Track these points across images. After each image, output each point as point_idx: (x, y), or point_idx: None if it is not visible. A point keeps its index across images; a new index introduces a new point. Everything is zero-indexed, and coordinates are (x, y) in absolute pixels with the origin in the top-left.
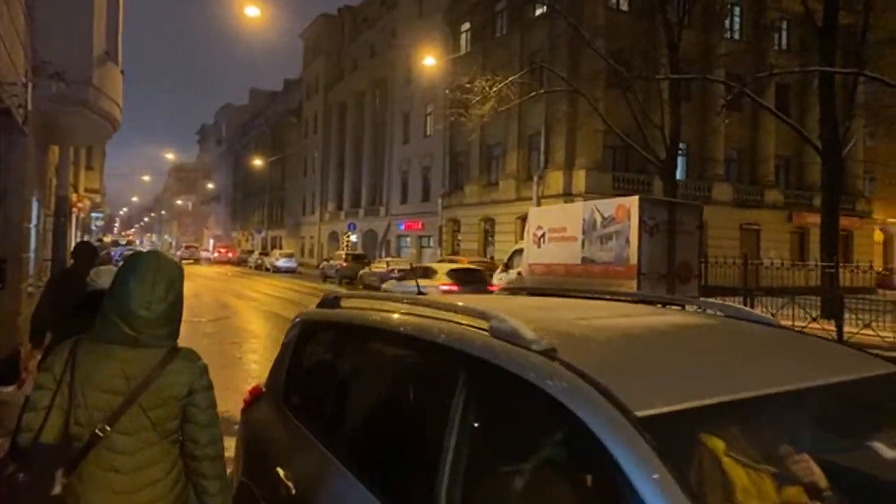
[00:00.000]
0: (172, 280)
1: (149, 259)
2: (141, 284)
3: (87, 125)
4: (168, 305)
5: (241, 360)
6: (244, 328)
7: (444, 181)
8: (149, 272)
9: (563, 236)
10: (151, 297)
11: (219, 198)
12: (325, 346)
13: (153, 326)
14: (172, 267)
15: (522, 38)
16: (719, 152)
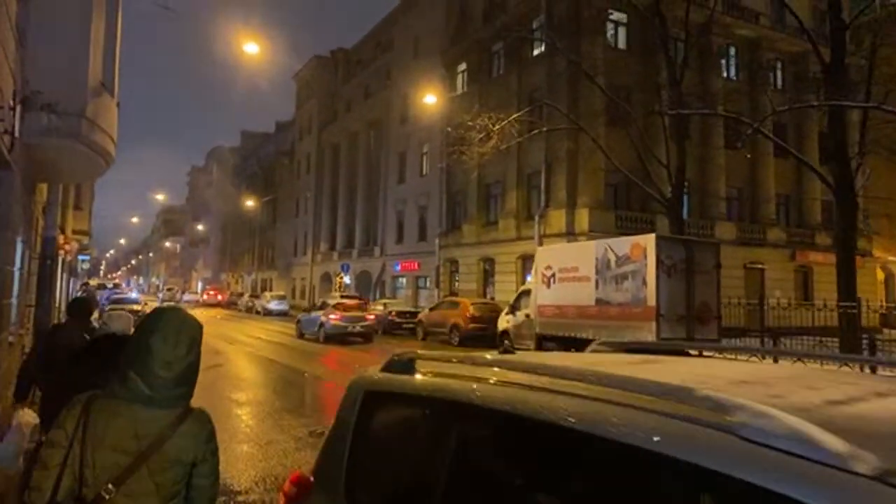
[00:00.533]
0: (194, 339)
1: (171, 317)
2: (163, 343)
3: (78, 160)
4: (188, 365)
5: (238, 416)
6: (239, 377)
7: (442, 221)
8: (171, 331)
9: (575, 276)
10: (173, 357)
11: (208, 240)
12: (404, 425)
13: (171, 386)
14: (194, 326)
15: (520, 77)
16: (720, 191)
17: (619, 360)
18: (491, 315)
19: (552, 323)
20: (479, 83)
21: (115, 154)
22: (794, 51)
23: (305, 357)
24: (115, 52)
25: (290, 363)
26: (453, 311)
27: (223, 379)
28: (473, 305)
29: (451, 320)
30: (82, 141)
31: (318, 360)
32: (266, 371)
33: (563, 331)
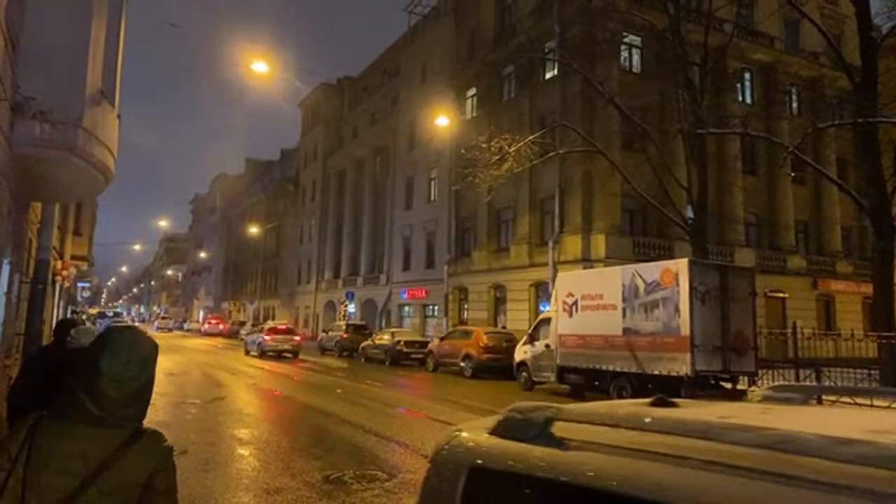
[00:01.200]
0: (147, 359)
1: (123, 336)
2: (113, 362)
3: (75, 175)
4: (140, 385)
5: (242, 457)
6: (243, 412)
7: (450, 247)
8: (122, 350)
9: (600, 304)
10: (123, 376)
11: (210, 268)
12: None
13: (121, 406)
14: (147, 345)
15: (532, 100)
16: (738, 216)
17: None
18: (505, 345)
19: (575, 354)
20: (490, 107)
21: (114, 170)
22: (810, 75)
23: (315, 390)
24: (118, 59)
25: (297, 396)
26: (466, 340)
27: (226, 414)
28: (487, 335)
29: (464, 350)
30: (78, 154)
31: (328, 392)
32: (272, 406)
33: (588, 362)
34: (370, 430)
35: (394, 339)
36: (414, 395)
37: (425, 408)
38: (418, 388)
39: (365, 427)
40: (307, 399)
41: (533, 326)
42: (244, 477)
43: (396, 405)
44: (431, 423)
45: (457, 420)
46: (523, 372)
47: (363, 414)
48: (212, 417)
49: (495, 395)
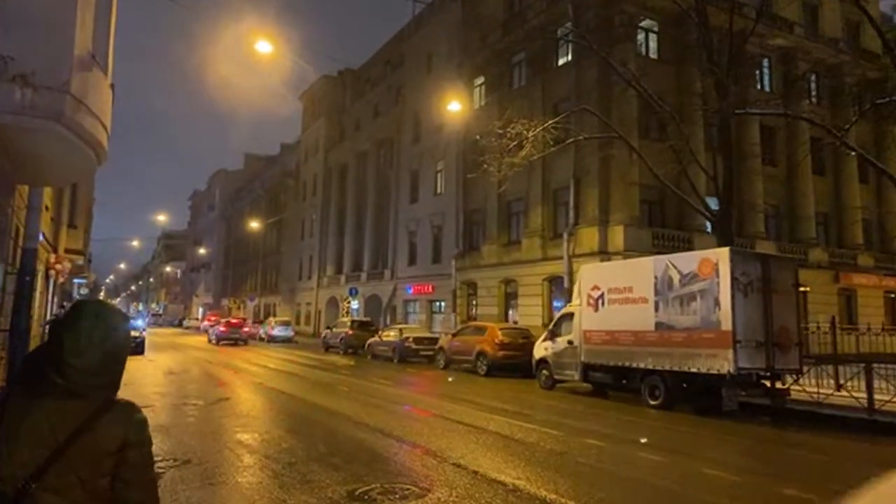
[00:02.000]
0: (112, 327)
1: (87, 306)
2: (74, 331)
3: (62, 150)
4: (104, 353)
5: (251, 468)
6: (250, 414)
7: (458, 241)
8: (85, 319)
9: (630, 298)
10: (86, 345)
11: (209, 264)
12: None
13: (86, 375)
14: (114, 314)
15: (545, 88)
16: (758, 208)
17: None
18: (522, 341)
19: (601, 350)
20: (500, 95)
21: (107, 147)
22: (830, 62)
23: (324, 390)
24: (110, 21)
25: (306, 397)
26: (479, 337)
27: (231, 417)
28: (502, 331)
29: (478, 347)
30: (66, 123)
31: (338, 391)
32: (281, 407)
33: (616, 359)
34: (391, 435)
35: (402, 336)
36: (430, 395)
37: (446, 409)
38: (432, 387)
39: (384, 431)
40: (318, 399)
41: (554, 322)
42: (255, 492)
43: (414, 406)
44: (455, 426)
45: (480, 423)
46: (543, 370)
47: (380, 416)
48: (215, 420)
49: (515, 395)
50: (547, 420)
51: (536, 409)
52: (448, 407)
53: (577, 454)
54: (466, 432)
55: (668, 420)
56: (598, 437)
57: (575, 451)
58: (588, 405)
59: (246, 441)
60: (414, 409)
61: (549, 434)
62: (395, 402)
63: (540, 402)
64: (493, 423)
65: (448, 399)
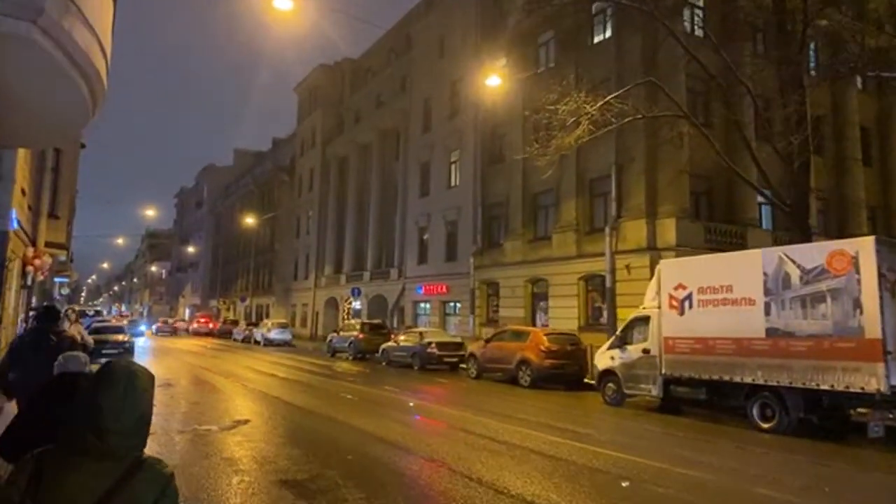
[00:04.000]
0: (144, 390)
1: (119, 369)
2: (111, 396)
3: (42, 78)
4: (138, 417)
5: None
6: (281, 449)
7: (476, 237)
8: (119, 383)
9: (728, 298)
10: (122, 409)
11: (197, 264)
12: None
13: (122, 438)
14: (144, 376)
15: (578, 68)
16: (809, 200)
17: None
18: (570, 349)
19: (689, 361)
20: (524, 80)
21: (106, 85)
22: (877, 45)
23: (356, 408)
24: None
25: (339, 417)
26: (520, 343)
27: (256, 450)
28: (549, 336)
29: (519, 355)
30: (47, 27)
31: (371, 410)
32: (318, 436)
33: (709, 371)
34: (475, 479)
35: (423, 340)
36: (477, 413)
37: (507, 433)
38: (474, 402)
39: (473, 477)
40: (354, 421)
41: (623, 327)
42: None
43: (469, 430)
44: (528, 454)
45: (563, 453)
46: (610, 383)
47: (445, 446)
48: (240, 457)
49: (575, 412)
50: (630, 445)
51: (609, 430)
52: (512, 431)
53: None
54: (544, 463)
55: (786, 447)
56: (705, 468)
57: (677, 488)
58: (671, 426)
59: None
60: (472, 434)
61: (636, 463)
62: (452, 427)
63: (609, 420)
64: (562, 449)
65: (504, 419)
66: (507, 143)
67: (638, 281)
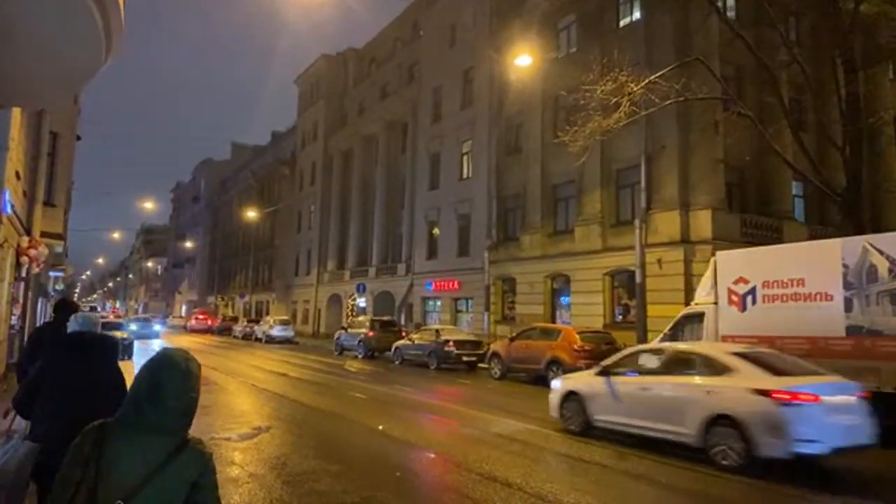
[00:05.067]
0: (197, 376)
1: (177, 354)
2: (172, 376)
3: (52, 3)
4: (192, 397)
5: None
6: (312, 459)
7: (491, 231)
8: (178, 366)
9: (800, 293)
10: (180, 389)
11: (194, 259)
12: None
13: (179, 415)
14: (195, 363)
15: (603, 52)
16: (861, 189)
17: None
18: (605, 348)
19: None
20: (543, 66)
21: (123, 20)
22: None
23: (385, 412)
24: None
25: (368, 422)
26: (549, 342)
27: (292, 469)
28: (581, 335)
29: (549, 354)
30: None
31: (396, 411)
32: (351, 447)
33: None
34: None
35: (439, 338)
36: (526, 421)
37: (586, 450)
38: (512, 406)
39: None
40: (391, 430)
41: (672, 325)
42: None
43: (526, 442)
44: (605, 472)
45: (644, 472)
46: None
47: (504, 460)
48: (279, 483)
49: None
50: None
51: None
52: (567, 443)
53: None
54: (618, 480)
55: (875, 456)
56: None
57: None
58: None
59: None
60: (527, 446)
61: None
62: (493, 433)
63: None
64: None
65: (549, 425)
66: (524, 132)
67: (670, 276)
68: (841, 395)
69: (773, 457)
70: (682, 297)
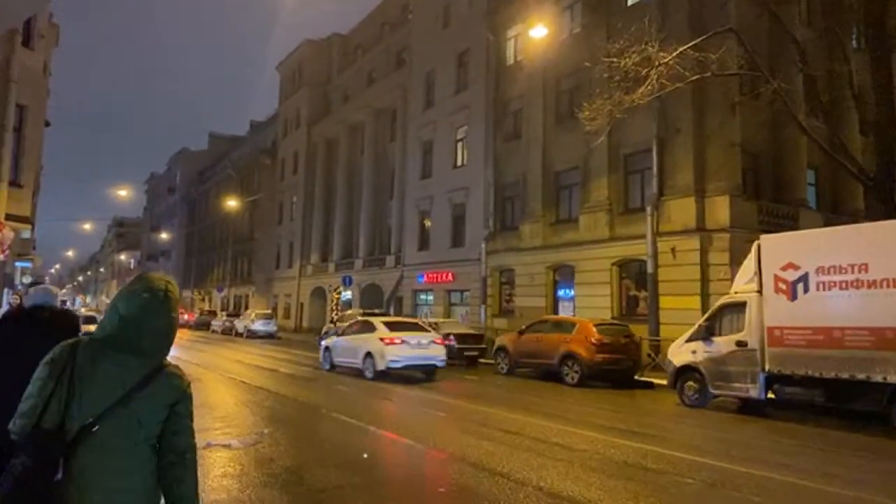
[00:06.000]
0: (176, 299)
1: (157, 276)
2: (153, 298)
3: None
4: (173, 318)
5: None
6: (326, 469)
7: (488, 221)
8: (158, 288)
9: (863, 280)
10: (161, 311)
11: (169, 252)
12: None
13: (159, 337)
14: (175, 286)
15: (610, 32)
16: (849, 181)
17: None
18: (624, 341)
19: (805, 356)
20: (545, 48)
21: None
22: None
23: (391, 409)
24: None
25: (380, 428)
26: (564, 335)
27: (306, 484)
28: (599, 327)
29: (563, 349)
30: None
31: (406, 410)
32: (362, 453)
33: (835, 369)
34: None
35: (439, 332)
36: (549, 420)
37: (618, 449)
38: (529, 404)
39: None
40: (411, 434)
41: (708, 315)
42: None
43: (563, 444)
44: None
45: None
46: (690, 381)
47: (549, 465)
48: (287, 497)
49: (663, 416)
50: (756, 459)
51: (711, 438)
52: (608, 441)
53: None
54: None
55: None
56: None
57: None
58: (784, 433)
59: None
60: (565, 447)
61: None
62: (507, 431)
63: (707, 424)
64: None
65: (582, 424)
66: (523, 117)
67: (685, 266)
68: (419, 340)
69: (382, 370)
70: (698, 287)
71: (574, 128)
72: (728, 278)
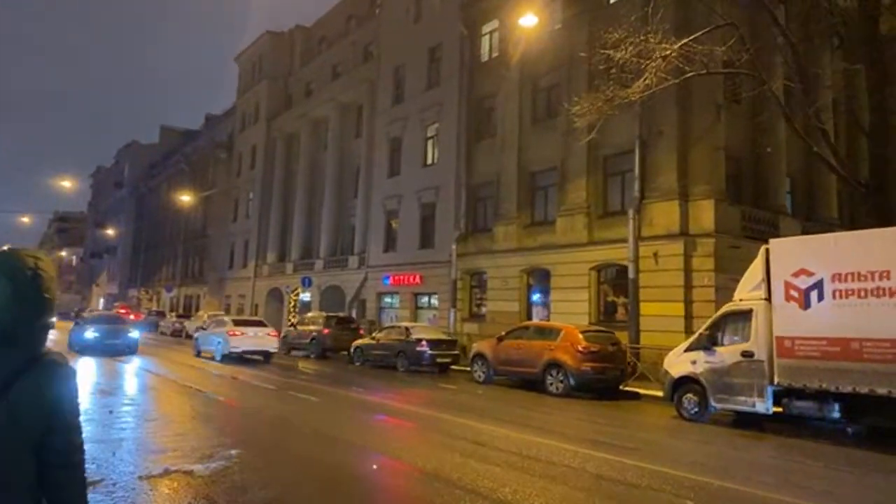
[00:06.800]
0: (51, 276)
1: (25, 255)
2: (21, 278)
3: None
4: (47, 299)
5: None
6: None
7: (459, 221)
8: (26, 266)
9: (884, 288)
10: (34, 291)
11: (114, 249)
12: None
13: (30, 322)
14: (48, 262)
15: (592, 28)
16: (831, 187)
17: None
18: (612, 349)
19: (819, 368)
20: (522, 44)
21: None
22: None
23: (364, 423)
24: None
25: (361, 442)
26: (547, 342)
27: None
28: (585, 334)
29: (546, 356)
30: None
31: (388, 426)
32: (349, 476)
33: (852, 382)
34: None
35: (409, 337)
36: (550, 437)
37: (633, 473)
38: (513, 415)
39: None
40: (398, 454)
41: (710, 323)
42: None
43: (539, 458)
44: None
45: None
46: (689, 393)
47: (518, 482)
48: None
49: (664, 432)
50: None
51: (715, 455)
52: (624, 464)
53: None
54: None
55: None
56: None
57: None
58: (797, 451)
59: None
60: (549, 464)
61: None
62: (503, 450)
63: (710, 440)
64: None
65: (585, 443)
66: (498, 115)
67: (668, 271)
68: (257, 332)
69: (226, 354)
70: (682, 294)
71: (552, 127)
72: (712, 284)
